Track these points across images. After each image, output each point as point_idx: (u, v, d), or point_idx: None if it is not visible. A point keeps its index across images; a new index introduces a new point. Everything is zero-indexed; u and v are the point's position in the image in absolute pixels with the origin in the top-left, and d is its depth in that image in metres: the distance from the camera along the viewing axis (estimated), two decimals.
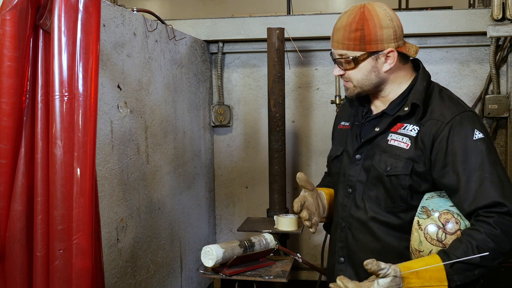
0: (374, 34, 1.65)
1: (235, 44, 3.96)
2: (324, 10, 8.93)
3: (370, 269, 1.47)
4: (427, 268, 1.47)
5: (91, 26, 1.59)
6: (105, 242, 2.35)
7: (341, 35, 1.67)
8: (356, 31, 1.65)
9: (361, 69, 1.68)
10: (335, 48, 1.70)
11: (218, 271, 2.14)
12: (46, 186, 1.62)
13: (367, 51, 1.66)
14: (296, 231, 2.97)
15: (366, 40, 1.65)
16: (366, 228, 1.73)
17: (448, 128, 1.60)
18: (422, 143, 1.63)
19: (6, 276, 1.69)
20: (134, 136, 2.66)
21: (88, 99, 1.58)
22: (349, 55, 1.67)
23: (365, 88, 1.72)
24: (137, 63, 2.70)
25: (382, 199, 1.69)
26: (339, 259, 1.81)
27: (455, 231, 1.54)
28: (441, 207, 1.58)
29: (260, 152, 4.04)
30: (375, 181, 1.70)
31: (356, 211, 1.75)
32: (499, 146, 3.71)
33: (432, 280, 1.47)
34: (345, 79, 1.73)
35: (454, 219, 1.56)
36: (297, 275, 4.00)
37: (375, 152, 1.71)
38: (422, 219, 1.58)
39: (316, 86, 3.97)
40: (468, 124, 1.61)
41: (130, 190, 2.62)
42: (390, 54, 1.67)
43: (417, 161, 1.63)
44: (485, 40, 3.58)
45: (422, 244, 1.57)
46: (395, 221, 1.68)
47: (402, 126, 1.68)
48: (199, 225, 3.75)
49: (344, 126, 1.88)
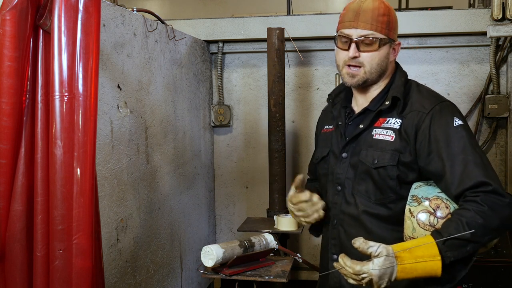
0: (395, 23, 1.75)
1: (235, 44, 3.96)
2: (324, 10, 8.93)
3: (358, 247, 1.50)
4: (420, 246, 1.50)
5: (91, 26, 1.59)
6: (105, 242, 2.35)
7: (370, 16, 1.71)
8: (384, 15, 1.72)
9: (380, 53, 1.73)
10: (362, 28, 1.71)
11: (218, 271, 2.14)
12: (46, 186, 1.62)
13: (389, 37, 1.74)
14: (296, 231, 2.97)
15: (390, 27, 1.73)
16: (358, 223, 1.76)
17: (429, 118, 1.67)
18: (406, 134, 1.69)
19: (6, 276, 1.69)
20: (134, 136, 2.66)
21: (88, 99, 1.58)
22: (377, 36, 1.71)
23: (374, 75, 1.75)
24: (137, 63, 2.70)
25: (371, 192, 1.73)
26: (332, 257, 1.83)
27: (445, 215, 1.59)
28: (430, 194, 1.63)
29: (260, 152, 4.04)
30: (363, 176, 1.74)
31: (347, 207, 1.79)
32: (499, 146, 3.71)
33: (425, 256, 1.50)
34: (357, 63, 1.73)
35: (443, 204, 1.61)
36: (297, 275, 4.00)
37: (361, 148, 1.76)
38: (413, 206, 1.62)
39: (316, 86, 3.97)
40: (448, 112, 1.69)
41: (130, 190, 2.62)
42: (396, 47, 1.79)
43: (402, 151, 1.68)
44: (485, 40, 3.58)
45: (415, 231, 1.60)
46: (386, 213, 1.72)
47: (385, 120, 1.75)
48: (199, 225, 3.75)
49: (328, 129, 1.94)
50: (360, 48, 1.71)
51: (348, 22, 1.73)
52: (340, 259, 1.53)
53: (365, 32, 1.70)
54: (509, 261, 3.01)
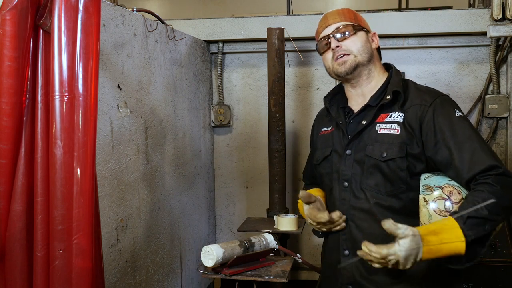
0: (362, 18, 1.91)
1: (235, 44, 3.96)
2: (324, 10, 8.87)
3: (388, 229, 1.53)
4: (444, 228, 1.55)
5: (91, 26, 1.59)
6: (105, 242, 2.35)
7: (336, 14, 1.88)
8: (349, 12, 1.89)
9: (359, 37, 1.84)
10: (332, 23, 1.86)
11: (218, 271, 2.14)
12: (46, 186, 1.62)
13: (360, 25, 1.87)
14: (296, 231, 2.97)
15: (358, 18, 1.89)
16: (370, 215, 1.78)
17: (432, 109, 1.74)
18: (410, 127, 1.75)
19: (6, 276, 1.69)
20: (134, 136, 2.66)
21: (88, 99, 1.58)
22: (348, 23, 1.84)
23: (364, 57, 1.83)
24: (137, 63, 2.70)
25: (381, 184, 1.77)
26: (344, 252, 1.85)
27: (459, 201, 1.64)
28: (441, 182, 1.68)
29: (260, 152, 4.04)
30: (371, 170, 1.78)
31: (356, 202, 1.81)
32: (499, 146, 3.71)
33: (450, 238, 1.54)
34: (343, 51, 1.82)
35: (456, 190, 1.66)
36: (297, 275, 4.00)
37: (366, 144, 1.80)
38: (427, 195, 1.67)
39: (316, 86, 3.97)
40: (449, 104, 1.77)
41: (130, 190, 2.62)
42: (374, 38, 1.90)
43: (409, 144, 1.74)
44: (485, 40, 3.58)
45: (432, 218, 1.65)
46: (398, 204, 1.75)
47: (387, 115, 1.80)
48: (199, 225, 3.75)
49: (326, 131, 1.97)
50: (339, 40, 1.83)
51: (321, 27, 1.90)
52: (363, 247, 1.56)
53: (337, 24, 1.85)
54: (509, 261, 3.01)
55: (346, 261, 1.84)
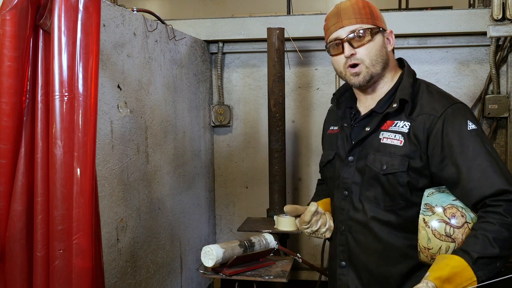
0: (378, 13, 1.72)
1: (235, 44, 3.96)
2: (324, 10, 8.90)
3: None
4: (456, 272, 1.45)
5: (91, 26, 1.59)
6: (105, 242, 2.35)
7: (351, 12, 1.68)
8: (364, 7, 1.69)
9: (376, 43, 1.67)
10: (347, 25, 1.67)
11: (218, 271, 2.14)
12: (46, 186, 1.62)
13: (377, 25, 1.69)
14: (296, 231, 2.97)
15: (374, 16, 1.70)
16: (367, 229, 1.70)
17: (441, 121, 1.59)
18: (415, 139, 1.61)
19: (6, 276, 1.69)
20: (134, 136, 2.66)
21: (88, 99, 1.58)
22: (365, 27, 1.66)
23: (377, 68, 1.69)
24: (137, 63, 2.70)
25: (380, 198, 1.67)
26: (341, 263, 1.79)
27: (462, 224, 1.53)
28: (444, 202, 1.56)
29: (260, 152, 4.04)
30: (371, 181, 1.68)
31: (355, 213, 1.73)
32: (499, 146, 3.71)
33: (463, 281, 1.46)
34: (355, 60, 1.67)
35: (459, 212, 1.54)
36: (297, 275, 4.00)
37: (368, 152, 1.69)
38: (428, 216, 1.56)
39: (316, 86, 3.97)
40: (461, 115, 1.60)
41: (130, 190, 2.62)
42: (390, 37, 1.74)
43: (412, 157, 1.61)
44: (485, 40, 3.58)
45: (430, 242, 1.55)
46: (396, 220, 1.66)
47: (392, 123, 1.67)
48: (199, 225, 3.75)
49: (333, 130, 1.88)
50: (353, 45, 1.66)
51: (333, 26, 1.70)
52: None
53: (353, 27, 1.67)
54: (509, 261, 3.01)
55: (342, 271, 1.78)
